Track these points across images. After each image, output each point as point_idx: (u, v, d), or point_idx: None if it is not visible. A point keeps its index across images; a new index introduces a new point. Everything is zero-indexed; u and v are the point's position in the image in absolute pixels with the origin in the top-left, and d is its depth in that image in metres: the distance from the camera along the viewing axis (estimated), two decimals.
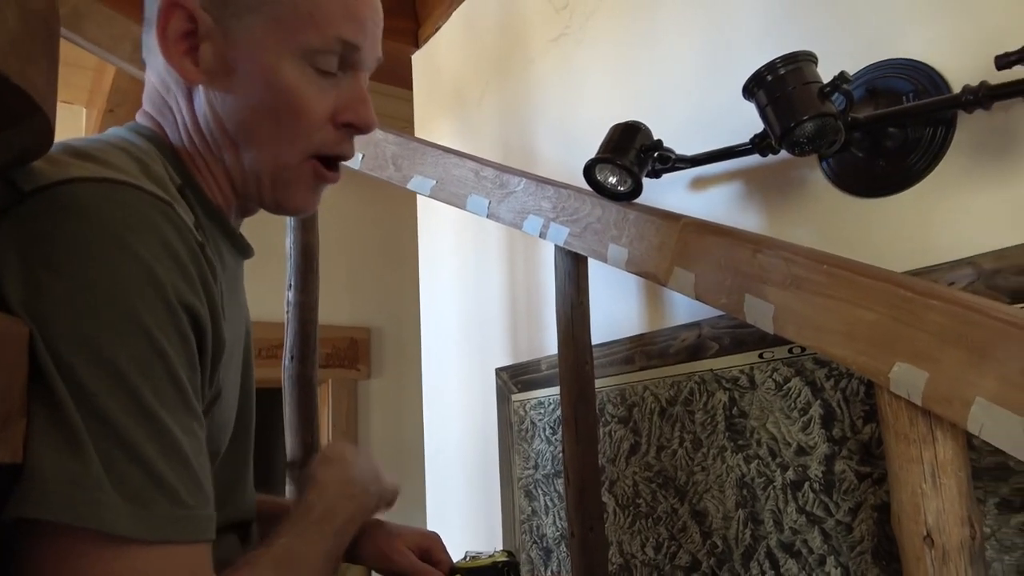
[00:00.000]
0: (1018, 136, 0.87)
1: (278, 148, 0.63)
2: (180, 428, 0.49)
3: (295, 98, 0.61)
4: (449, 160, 1.37)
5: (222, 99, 0.61)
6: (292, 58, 0.60)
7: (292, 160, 0.64)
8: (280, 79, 0.60)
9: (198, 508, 0.50)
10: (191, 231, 0.54)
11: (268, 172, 0.64)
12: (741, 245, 0.91)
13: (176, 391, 0.49)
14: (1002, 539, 0.83)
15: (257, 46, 0.59)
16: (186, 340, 0.50)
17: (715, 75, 1.23)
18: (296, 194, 0.66)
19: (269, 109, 0.61)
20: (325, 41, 0.61)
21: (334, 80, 0.63)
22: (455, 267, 1.86)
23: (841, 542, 0.98)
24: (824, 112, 0.86)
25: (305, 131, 0.63)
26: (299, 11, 0.60)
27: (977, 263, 0.87)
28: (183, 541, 0.48)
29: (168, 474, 0.47)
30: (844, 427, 0.98)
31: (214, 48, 0.60)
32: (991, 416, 0.63)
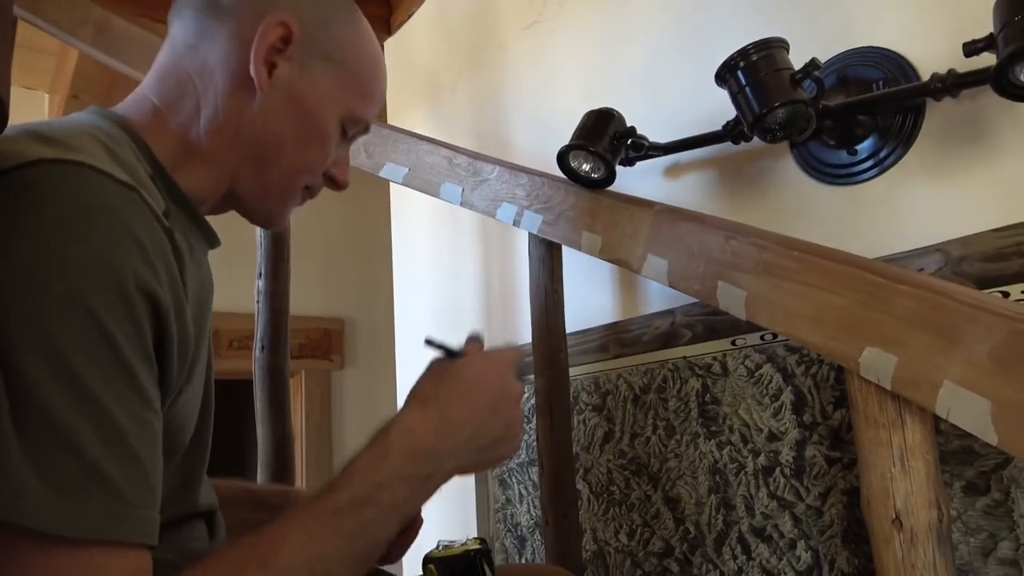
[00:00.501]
0: (985, 124, 0.88)
1: (294, 176, 0.69)
2: (129, 418, 0.47)
3: (326, 143, 0.69)
4: (422, 147, 1.35)
5: (274, 115, 0.66)
6: (338, 115, 0.68)
7: (297, 187, 0.71)
8: (327, 125, 0.68)
9: (142, 507, 0.47)
10: (158, 218, 0.52)
11: (276, 190, 0.69)
12: (713, 232, 0.91)
13: (126, 378, 0.47)
14: (967, 522, 0.85)
15: (323, 91, 0.67)
16: (140, 328, 0.48)
17: (688, 62, 1.23)
18: (285, 213, 0.72)
19: (306, 142, 0.68)
20: (363, 116, 0.70)
21: (344, 141, 0.72)
22: (429, 256, 1.85)
23: (811, 526, 0.99)
24: (796, 99, 0.86)
25: (313, 172, 0.70)
26: (361, 82, 0.69)
27: (945, 250, 0.88)
28: (121, 543, 0.45)
29: (109, 467, 0.45)
30: (814, 413, 0.99)
31: (290, 72, 0.65)
32: (958, 399, 0.64)
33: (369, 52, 0.71)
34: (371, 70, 0.70)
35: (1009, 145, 0.86)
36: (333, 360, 3.10)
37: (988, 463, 0.84)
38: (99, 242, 0.47)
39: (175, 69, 0.65)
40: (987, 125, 0.88)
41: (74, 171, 0.48)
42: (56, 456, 0.43)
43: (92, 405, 0.45)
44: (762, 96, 0.87)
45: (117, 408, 0.46)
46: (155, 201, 0.54)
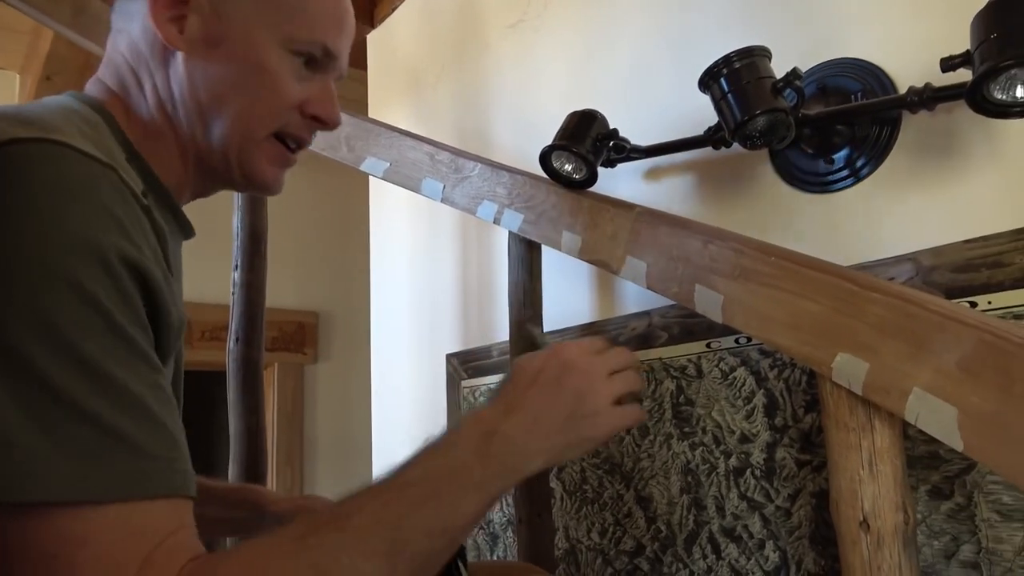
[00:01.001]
0: (959, 138, 0.90)
1: (248, 123, 0.64)
2: (138, 381, 0.47)
3: (273, 78, 0.63)
4: (404, 142, 1.35)
5: (202, 69, 0.62)
6: (276, 45, 0.63)
7: (258, 135, 0.65)
8: (263, 59, 0.63)
9: (170, 460, 0.47)
10: (136, 196, 0.52)
11: (235, 145, 0.65)
12: (693, 236, 0.92)
13: (126, 346, 0.47)
14: (932, 525, 0.87)
15: (246, 26, 0.62)
16: (130, 299, 0.48)
17: (672, 66, 1.24)
18: (263, 168, 0.67)
19: (246, 86, 0.63)
20: (311, 40, 0.64)
21: (308, 74, 0.66)
22: (407, 251, 1.84)
23: (780, 527, 1.00)
24: (776, 107, 0.88)
25: (276, 111, 0.65)
26: (292, 4, 0.63)
27: (917, 259, 0.90)
28: (155, 496, 0.45)
29: (126, 426, 0.45)
30: (786, 416, 1.01)
31: (202, 21, 0.61)
32: (926, 406, 0.65)
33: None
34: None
35: (981, 159, 0.88)
36: (307, 354, 3.08)
37: (953, 468, 0.86)
38: (79, 219, 0.47)
39: (115, 54, 0.65)
40: (961, 139, 0.90)
41: (51, 150, 0.48)
42: (70, 427, 0.43)
43: (96, 373, 0.45)
44: (744, 103, 0.89)
45: (122, 374, 0.46)
46: (133, 181, 0.54)
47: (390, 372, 1.87)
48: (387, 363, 1.88)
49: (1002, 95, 0.72)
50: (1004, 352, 0.59)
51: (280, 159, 0.68)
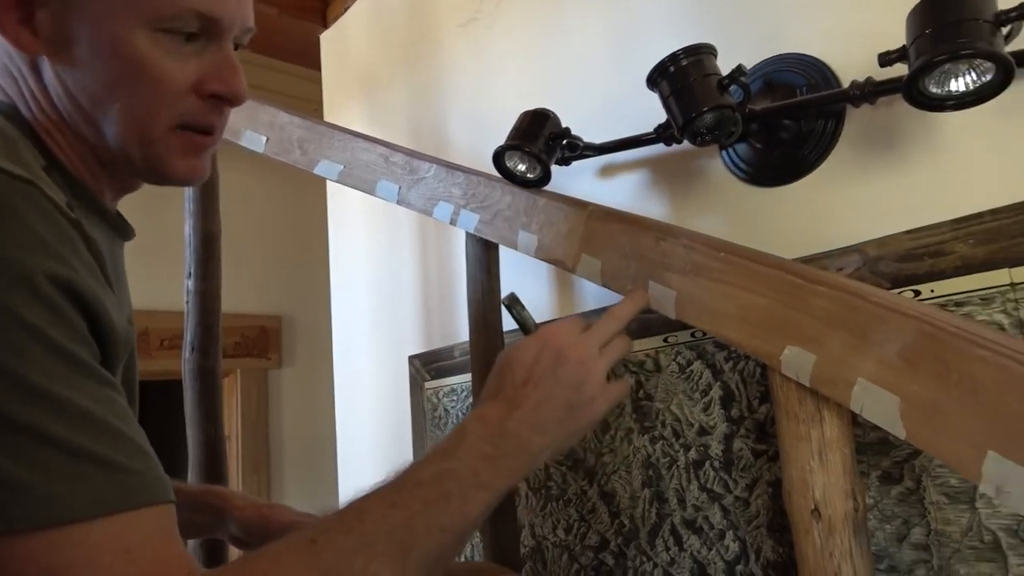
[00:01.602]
0: (899, 130, 0.92)
1: (139, 122, 0.58)
2: (88, 398, 0.46)
3: (148, 68, 0.56)
4: (357, 144, 1.34)
5: (71, 73, 0.56)
6: (142, 28, 0.55)
7: (157, 132, 0.59)
8: (129, 49, 0.55)
9: (143, 470, 0.46)
10: (61, 210, 0.50)
11: (135, 146, 0.59)
12: (645, 233, 0.93)
13: (68, 364, 0.46)
14: (883, 509, 0.89)
15: (101, 14, 0.54)
16: (63, 315, 0.46)
17: (622, 64, 1.25)
18: (173, 164, 0.62)
19: (122, 81, 0.56)
20: (177, 12, 0.56)
21: (195, 48, 0.59)
22: (366, 253, 1.83)
23: (739, 517, 1.02)
24: (723, 104, 0.89)
25: (165, 102, 0.58)
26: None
27: (863, 250, 0.92)
28: (135, 507, 0.45)
29: (89, 444, 0.44)
30: (742, 407, 1.02)
31: (52, 16, 0.55)
32: (871, 396, 0.67)
33: None
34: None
35: (920, 151, 0.90)
36: (270, 358, 3.05)
37: (902, 453, 0.88)
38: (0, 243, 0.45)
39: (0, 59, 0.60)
40: (901, 132, 0.92)
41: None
42: (38, 454, 0.42)
43: (44, 398, 0.44)
44: (691, 101, 0.89)
45: (71, 393, 0.45)
46: (55, 193, 0.51)
47: (353, 376, 1.85)
48: (350, 367, 1.87)
49: (937, 89, 0.74)
50: (940, 342, 0.61)
51: (191, 148, 0.62)
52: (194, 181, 0.65)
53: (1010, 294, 0.81)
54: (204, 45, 0.59)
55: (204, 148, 0.63)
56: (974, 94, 0.72)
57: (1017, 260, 0.81)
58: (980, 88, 0.72)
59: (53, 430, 0.43)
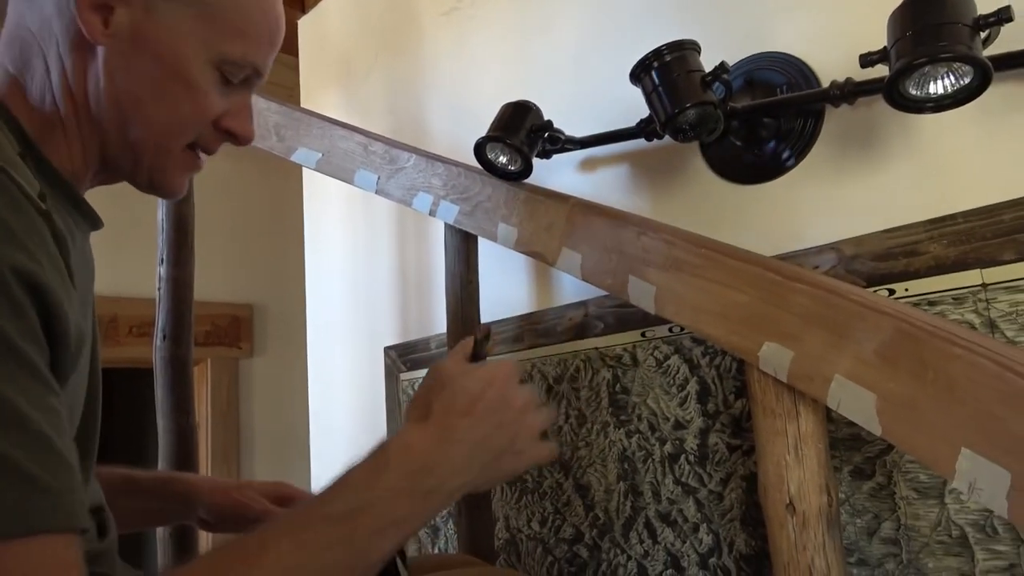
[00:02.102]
0: (878, 131, 0.93)
1: (167, 132, 0.62)
2: (30, 404, 0.43)
3: (197, 91, 0.61)
4: (336, 132, 1.32)
5: (124, 69, 0.59)
6: (207, 60, 0.61)
7: (175, 146, 0.64)
8: (190, 72, 0.60)
9: (66, 492, 0.44)
10: (30, 199, 0.49)
11: (151, 152, 0.62)
12: (626, 227, 0.93)
13: (18, 364, 0.43)
14: (855, 504, 0.90)
15: (179, 35, 0.59)
16: (23, 313, 0.45)
17: (605, 58, 1.25)
18: (172, 178, 0.66)
19: (170, 93, 0.60)
20: (243, 60, 0.62)
21: (226, 89, 0.64)
22: (343, 242, 1.81)
23: (713, 510, 1.03)
24: (705, 100, 0.89)
25: (196, 123, 0.63)
26: (230, 22, 0.61)
27: (839, 248, 0.93)
28: (46, 531, 0.42)
29: (19, 456, 0.41)
30: (718, 402, 1.03)
31: (131, 18, 0.58)
32: (847, 392, 0.68)
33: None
34: (248, 7, 0.62)
35: (898, 152, 0.91)
36: (242, 348, 3.01)
37: (874, 449, 0.89)
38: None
39: (18, 29, 0.60)
40: (880, 132, 0.93)
41: None
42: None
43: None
44: (674, 96, 0.90)
45: (12, 394, 0.42)
46: (28, 182, 0.50)
47: (327, 366, 1.84)
48: (324, 357, 1.85)
49: (916, 91, 0.75)
50: (918, 340, 0.62)
51: (190, 167, 0.66)
52: (176, 197, 0.69)
53: (981, 294, 0.83)
54: (233, 88, 0.65)
55: (197, 169, 0.67)
56: (952, 97, 0.73)
57: (988, 261, 0.82)
58: (958, 91, 0.73)
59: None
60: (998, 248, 0.82)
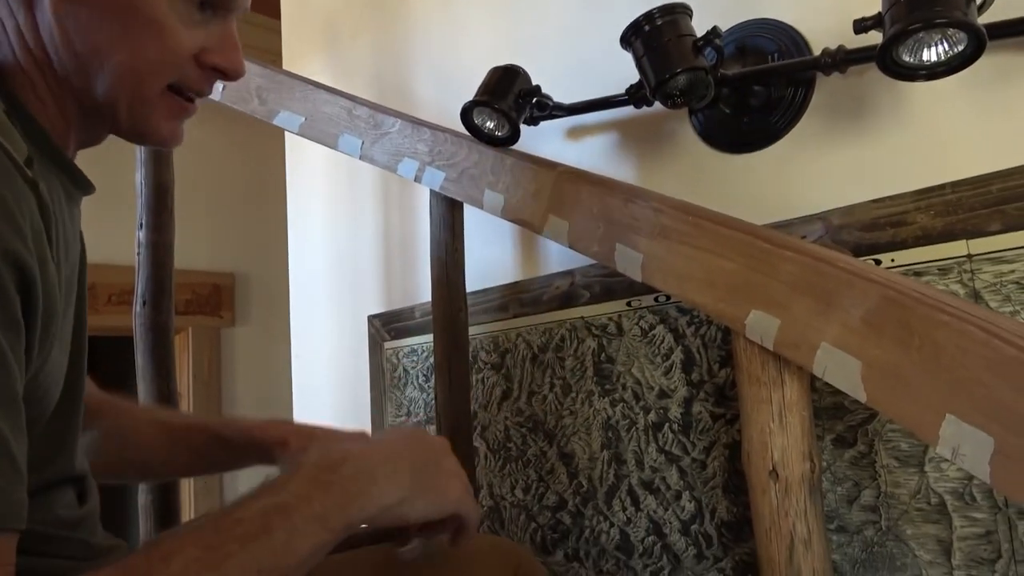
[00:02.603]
0: (869, 100, 0.92)
1: (136, 78, 0.57)
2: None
3: (161, 29, 0.55)
4: (319, 96, 1.29)
5: (74, 17, 0.53)
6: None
7: (150, 92, 0.58)
8: (149, 11, 0.54)
9: (9, 491, 0.42)
10: (19, 168, 0.47)
11: (125, 101, 0.57)
12: (613, 195, 0.92)
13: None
14: (836, 472, 0.91)
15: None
16: (6, 295, 0.43)
17: (594, 22, 1.23)
18: (158, 125, 0.60)
19: (130, 36, 0.55)
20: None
21: (204, 18, 0.58)
22: (326, 209, 1.79)
23: (696, 478, 1.04)
24: (697, 66, 0.88)
25: (168, 64, 0.57)
26: None
27: (827, 218, 0.93)
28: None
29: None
30: (702, 371, 1.04)
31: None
32: (833, 359, 0.68)
33: None
34: None
35: (889, 121, 0.91)
36: (223, 316, 2.98)
37: (856, 418, 0.90)
38: None
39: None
40: (870, 101, 0.92)
41: None
42: None
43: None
44: (665, 61, 0.88)
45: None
46: (16, 147, 0.48)
47: (310, 335, 1.82)
48: (307, 326, 1.84)
49: (910, 58, 0.74)
50: (904, 307, 0.62)
51: (177, 112, 0.61)
52: (171, 145, 0.63)
53: (966, 265, 0.83)
54: (211, 17, 0.59)
55: (187, 113, 0.62)
56: (946, 64, 0.73)
57: (974, 232, 0.82)
58: (952, 58, 0.72)
59: None
60: (985, 219, 0.82)
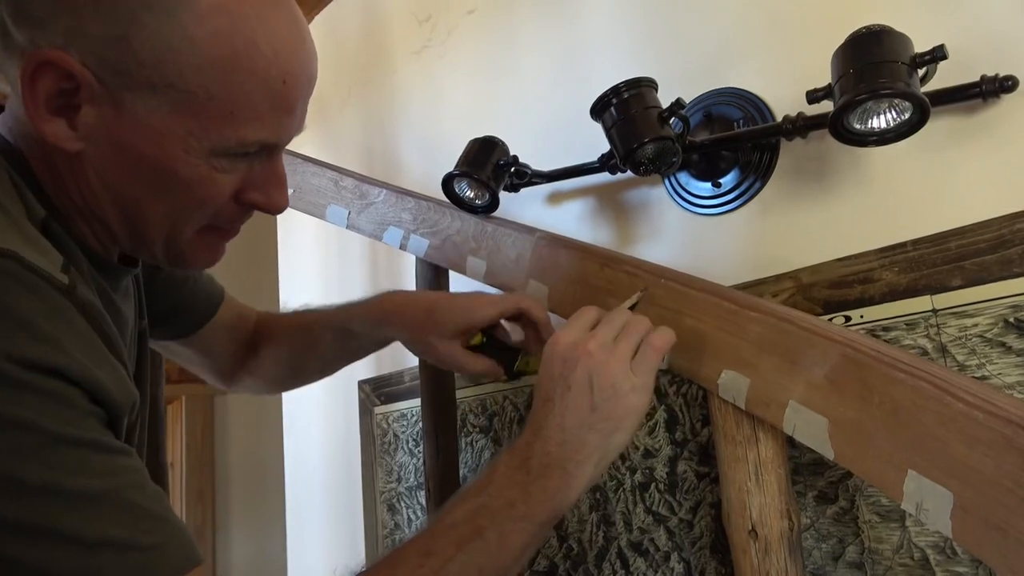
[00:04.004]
0: (829, 163, 0.96)
1: (173, 226, 0.57)
2: (98, 477, 0.44)
3: (198, 187, 0.54)
4: (308, 169, 1.34)
5: (111, 170, 0.53)
6: (201, 153, 0.53)
7: (186, 235, 0.58)
8: (185, 171, 0.53)
9: (166, 542, 0.45)
10: (48, 279, 0.46)
11: (160, 244, 0.58)
12: (590, 259, 0.95)
13: (68, 446, 0.43)
14: (819, 528, 0.92)
15: (157, 132, 0.51)
16: (53, 395, 0.44)
17: (569, 94, 1.28)
18: (194, 259, 0.61)
19: (168, 193, 0.54)
20: (241, 145, 0.54)
21: (248, 161, 0.57)
22: (317, 275, 1.82)
23: (683, 538, 1.04)
24: (663, 135, 0.92)
25: (204, 212, 0.57)
26: (216, 107, 0.51)
27: (797, 277, 0.96)
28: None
29: (104, 531, 0.42)
30: (685, 430, 1.05)
31: (100, 117, 0.50)
32: (801, 417, 0.70)
33: (224, 56, 0.49)
34: (235, 80, 0.50)
35: (849, 183, 0.94)
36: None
37: (836, 474, 0.91)
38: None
39: (16, 106, 0.54)
40: (831, 164, 0.96)
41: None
42: (49, 554, 0.41)
43: (46, 493, 0.41)
44: (632, 132, 0.92)
45: (76, 479, 0.43)
46: (46, 256, 0.48)
47: (302, 400, 1.83)
48: (299, 392, 1.84)
49: (860, 125, 0.78)
50: (863, 365, 0.64)
51: (215, 245, 0.62)
52: (208, 267, 0.65)
53: (932, 320, 0.85)
54: (255, 157, 0.57)
55: (227, 240, 0.63)
56: (894, 131, 0.76)
57: (937, 288, 0.85)
58: (900, 125, 0.76)
59: (62, 525, 0.41)
60: (947, 274, 0.84)
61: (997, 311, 0.80)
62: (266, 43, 0.51)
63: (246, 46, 0.50)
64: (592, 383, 0.63)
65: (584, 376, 0.63)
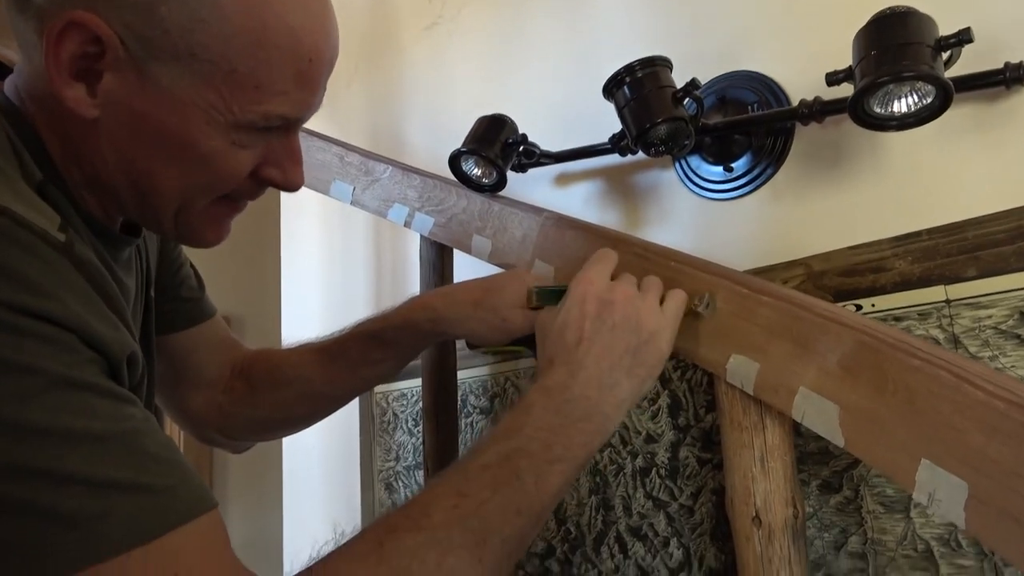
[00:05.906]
0: (846, 148, 0.95)
1: (186, 198, 0.56)
2: (104, 420, 0.43)
3: (217, 162, 0.54)
4: (313, 143, 1.32)
5: (128, 139, 0.52)
6: (222, 126, 0.52)
7: (198, 206, 0.57)
8: (205, 144, 0.52)
9: (178, 484, 0.44)
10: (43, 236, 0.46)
11: (170, 215, 0.57)
12: (598, 240, 0.94)
13: (74, 389, 0.43)
14: (822, 518, 0.91)
15: (181, 103, 0.50)
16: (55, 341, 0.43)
17: (580, 73, 1.26)
18: (203, 234, 0.60)
19: (185, 166, 0.53)
20: (266, 117, 0.53)
21: (266, 136, 0.56)
22: (319, 254, 1.80)
23: (683, 524, 1.03)
24: (676, 116, 0.90)
25: (218, 189, 0.57)
26: (240, 79, 0.50)
27: (808, 264, 0.94)
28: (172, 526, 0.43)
29: (112, 472, 0.42)
30: (688, 416, 1.04)
31: (123, 85, 0.50)
32: (811, 404, 0.68)
33: (253, 29, 0.49)
34: (262, 54, 0.50)
35: (865, 170, 0.93)
36: None
37: (841, 463, 0.90)
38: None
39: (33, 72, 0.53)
40: (847, 150, 0.95)
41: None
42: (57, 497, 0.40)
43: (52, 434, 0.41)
44: (646, 112, 0.91)
45: (82, 421, 0.42)
46: (42, 215, 0.47)
47: None
48: None
49: (880, 109, 0.76)
50: (879, 352, 0.63)
51: (224, 217, 0.60)
52: (212, 246, 0.63)
53: (945, 310, 0.84)
54: (274, 133, 0.56)
55: (234, 215, 0.62)
56: (915, 116, 0.75)
57: (951, 278, 0.84)
58: (921, 110, 0.74)
59: (70, 467, 0.41)
60: (962, 265, 0.83)
61: (1013, 303, 0.79)
62: (295, 19, 0.51)
63: (276, 21, 0.50)
64: (635, 326, 0.63)
65: (626, 319, 0.63)
